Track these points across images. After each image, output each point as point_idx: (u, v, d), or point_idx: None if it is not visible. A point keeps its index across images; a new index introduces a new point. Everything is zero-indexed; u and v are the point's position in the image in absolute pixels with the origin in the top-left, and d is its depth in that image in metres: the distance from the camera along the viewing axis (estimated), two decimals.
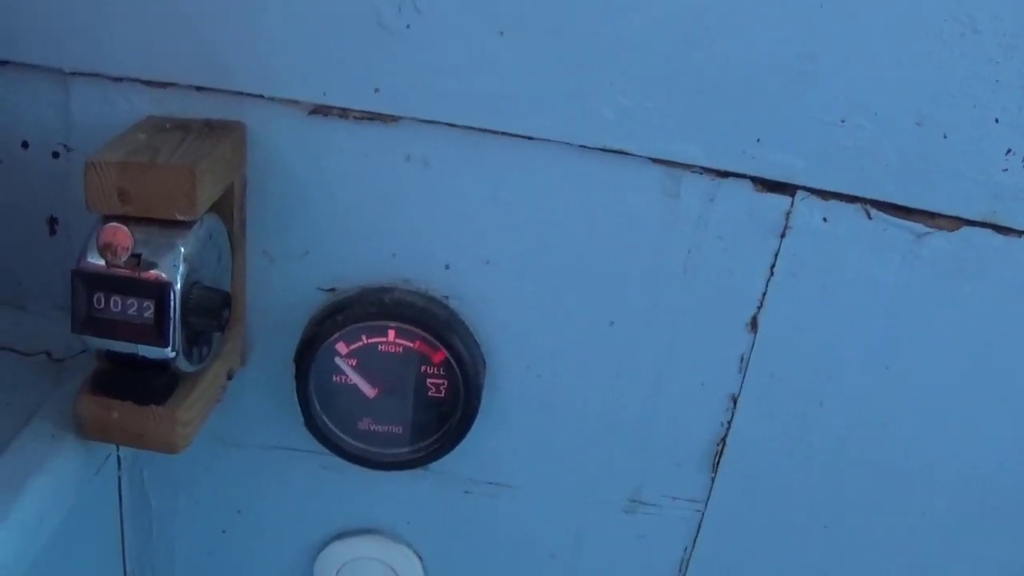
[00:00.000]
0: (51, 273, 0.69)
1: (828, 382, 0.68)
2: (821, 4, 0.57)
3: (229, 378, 0.66)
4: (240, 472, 0.74)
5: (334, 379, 0.66)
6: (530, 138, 0.62)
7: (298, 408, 0.67)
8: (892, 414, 0.68)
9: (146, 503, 0.75)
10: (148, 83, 0.62)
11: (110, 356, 0.58)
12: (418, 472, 0.71)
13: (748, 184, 0.63)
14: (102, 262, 0.55)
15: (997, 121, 0.59)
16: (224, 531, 0.77)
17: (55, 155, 0.66)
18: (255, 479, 0.74)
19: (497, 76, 0.60)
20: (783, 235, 0.64)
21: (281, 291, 0.67)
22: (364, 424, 0.68)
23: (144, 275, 0.56)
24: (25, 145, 0.66)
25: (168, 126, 0.62)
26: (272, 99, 0.62)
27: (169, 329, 0.56)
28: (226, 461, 0.73)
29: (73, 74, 0.63)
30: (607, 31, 0.58)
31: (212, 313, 0.57)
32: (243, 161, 0.63)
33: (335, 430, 0.68)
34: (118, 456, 0.71)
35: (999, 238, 0.63)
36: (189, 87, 0.62)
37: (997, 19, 0.57)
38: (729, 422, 0.69)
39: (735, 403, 0.68)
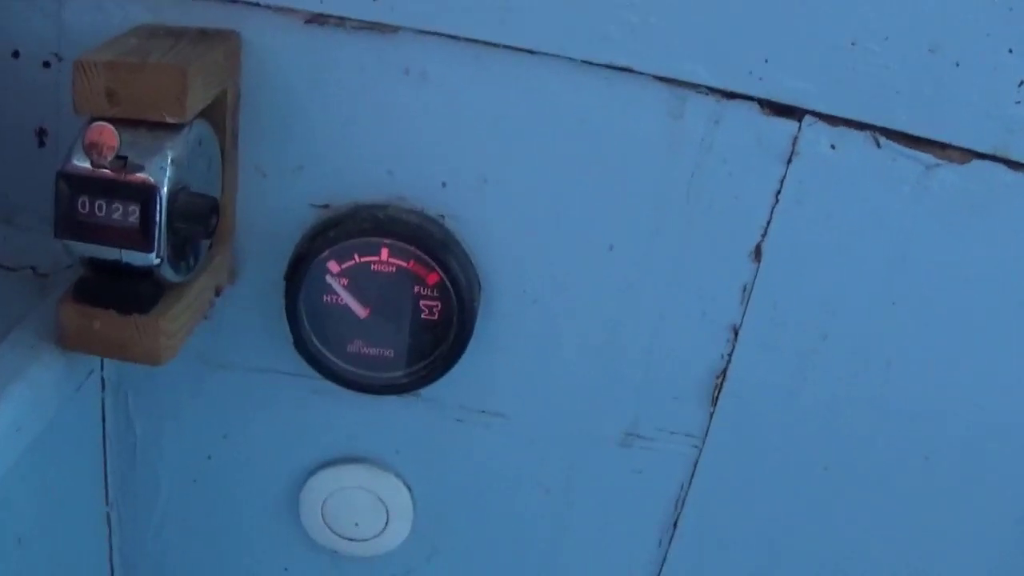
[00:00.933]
0: (39, 186, 0.66)
1: (832, 316, 0.66)
2: None
3: (217, 294, 0.65)
4: (227, 395, 0.72)
5: (325, 299, 0.65)
6: (532, 52, 0.60)
7: (288, 329, 0.65)
8: (897, 352, 0.67)
9: (130, 427, 0.74)
10: None
11: (93, 263, 0.56)
12: (409, 399, 0.70)
13: (755, 107, 0.61)
14: (88, 164, 0.54)
15: (1011, 51, 0.58)
16: (210, 457, 0.75)
17: (46, 65, 0.64)
18: (242, 403, 0.72)
19: None
20: (789, 161, 0.62)
21: (273, 207, 0.65)
22: (355, 346, 0.66)
23: (130, 177, 0.54)
24: (16, 55, 0.64)
25: (161, 33, 0.60)
26: (267, 7, 0.60)
27: (154, 234, 0.55)
28: (213, 384, 0.72)
29: None
30: None
31: (199, 219, 0.56)
32: (236, 70, 0.61)
33: (325, 352, 0.66)
34: (102, 377, 0.70)
35: (1010, 173, 0.61)
36: None
37: None
38: (730, 355, 0.67)
39: (736, 335, 0.67)
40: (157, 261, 0.55)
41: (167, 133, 0.55)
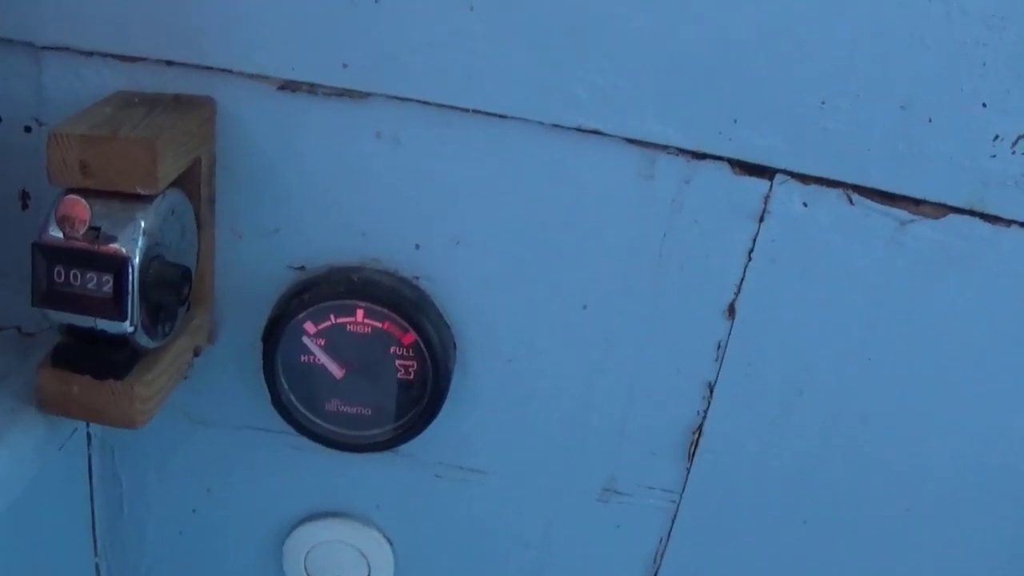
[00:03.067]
0: (23, 248, 0.67)
1: (808, 372, 0.66)
2: None
3: (196, 355, 0.65)
4: (210, 451, 0.73)
5: (302, 359, 0.66)
6: (502, 116, 0.60)
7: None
8: (874, 406, 0.67)
9: (116, 480, 0.75)
10: (119, 57, 0.61)
11: (71, 330, 0.57)
12: (388, 455, 0.70)
13: (726, 166, 0.61)
14: (62, 235, 0.55)
15: (984, 106, 0.58)
16: (194, 510, 0.76)
17: (27, 129, 0.65)
18: (225, 458, 0.73)
19: (467, 53, 0.58)
20: (762, 219, 0.62)
21: (250, 269, 0.66)
22: (332, 405, 0.67)
23: (103, 248, 0.55)
24: None
25: (136, 100, 0.61)
26: (241, 74, 0.61)
27: (127, 303, 0.55)
28: (196, 440, 0.73)
29: (45, 48, 0.62)
30: (580, 7, 0.57)
31: (172, 287, 0.57)
32: (211, 136, 0.62)
33: (303, 410, 0.67)
34: (88, 433, 0.71)
35: (986, 226, 0.61)
36: (159, 61, 0.61)
37: None
38: (706, 411, 0.68)
39: (712, 391, 0.67)
40: (131, 329, 0.56)
41: (139, 204, 0.56)
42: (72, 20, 0.61)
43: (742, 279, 0.64)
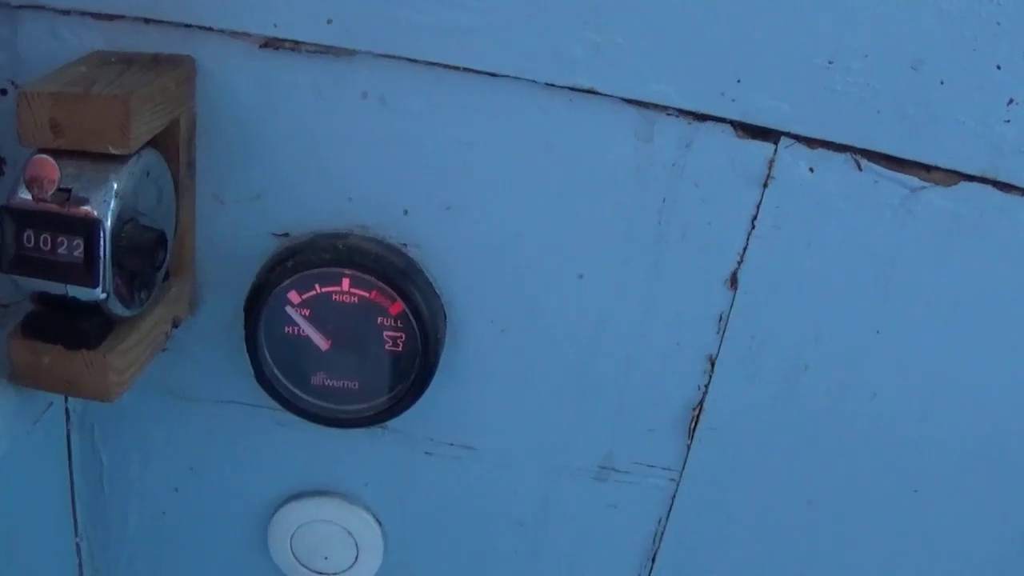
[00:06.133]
0: None
1: (814, 345, 0.63)
2: None
3: (175, 326, 0.63)
4: (193, 428, 0.71)
5: (286, 330, 0.63)
6: (494, 75, 0.58)
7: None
8: (882, 381, 0.64)
9: (97, 459, 0.73)
10: (96, 16, 0.59)
11: (42, 298, 0.55)
12: (376, 431, 0.68)
13: (728, 129, 0.58)
14: (31, 197, 0.52)
15: (999, 68, 0.55)
16: (177, 489, 0.74)
17: (3, 92, 0.63)
18: (208, 435, 0.71)
19: (458, 7, 0.56)
20: (766, 185, 0.59)
21: (232, 236, 0.63)
22: (318, 378, 0.64)
23: (73, 211, 0.52)
24: None
25: (113, 60, 0.58)
26: (222, 31, 0.58)
27: (99, 268, 0.53)
28: (178, 416, 0.70)
29: (20, 7, 0.59)
30: None
31: (145, 252, 0.54)
32: (190, 97, 0.60)
33: (287, 384, 0.65)
34: (66, 408, 0.69)
35: (999, 195, 0.59)
36: (138, 19, 0.59)
37: None
38: (706, 386, 0.65)
39: (713, 365, 0.64)
40: (103, 296, 0.54)
41: (112, 164, 0.53)
42: None
43: (745, 248, 0.61)
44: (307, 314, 0.63)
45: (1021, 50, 0.54)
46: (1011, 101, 0.56)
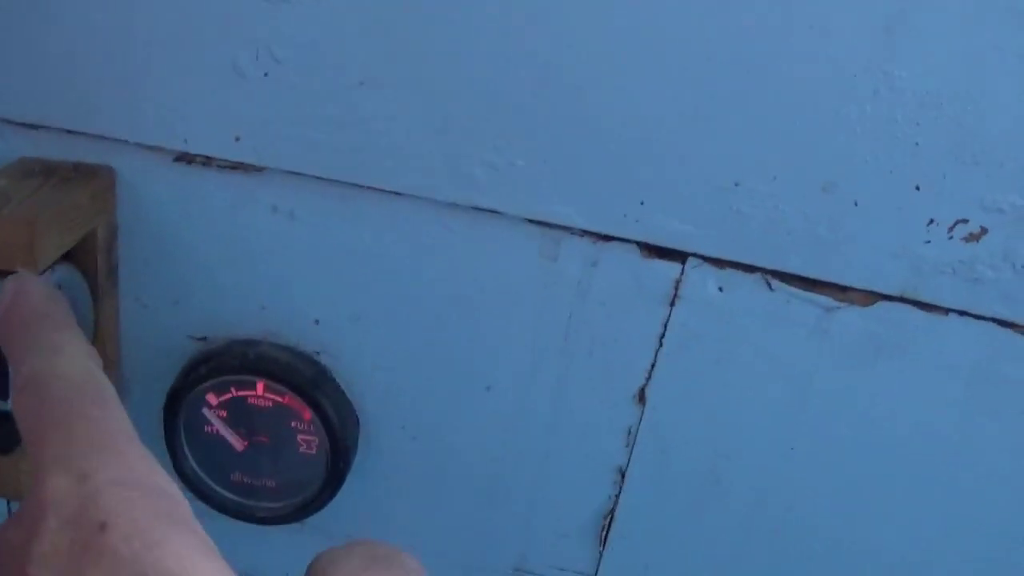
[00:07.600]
0: None
1: (725, 460, 0.63)
2: (709, 56, 0.52)
3: None
4: None
5: (205, 429, 0.65)
6: (397, 194, 0.58)
7: None
8: (798, 497, 0.63)
9: None
10: (20, 124, 0.61)
11: None
12: (295, 527, 0.69)
13: (634, 249, 0.58)
14: None
15: (918, 189, 0.53)
16: None
17: None
18: None
19: (358, 129, 0.56)
20: (673, 304, 0.59)
21: (155, 338, 0.65)
22: (236, 476, 0.66)
23: None
24: None
25: (37, 170, 0.60)
26: (138, 145, 0.60)
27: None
28: None
29: None
30: (473, 84, 0.54)
31: None
32: (109, 207, 0.61)
33: (207, 480, 0.66)
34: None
35: (921, 314, 0.57)
36: (60, 130, 0.61)
37: (918, 75, 0.51)
38: (617, 496, 0.65)
39: (623, 477, 0.64)
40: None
41: None
42: None
43: (653, 364, 0.61)
44: (224, 416, 0.64)
45: (941, 171, 0.53)
46: (931, 221, 0.54)
